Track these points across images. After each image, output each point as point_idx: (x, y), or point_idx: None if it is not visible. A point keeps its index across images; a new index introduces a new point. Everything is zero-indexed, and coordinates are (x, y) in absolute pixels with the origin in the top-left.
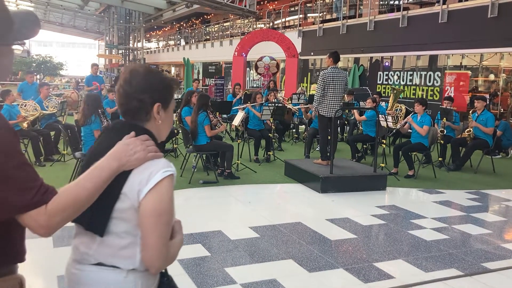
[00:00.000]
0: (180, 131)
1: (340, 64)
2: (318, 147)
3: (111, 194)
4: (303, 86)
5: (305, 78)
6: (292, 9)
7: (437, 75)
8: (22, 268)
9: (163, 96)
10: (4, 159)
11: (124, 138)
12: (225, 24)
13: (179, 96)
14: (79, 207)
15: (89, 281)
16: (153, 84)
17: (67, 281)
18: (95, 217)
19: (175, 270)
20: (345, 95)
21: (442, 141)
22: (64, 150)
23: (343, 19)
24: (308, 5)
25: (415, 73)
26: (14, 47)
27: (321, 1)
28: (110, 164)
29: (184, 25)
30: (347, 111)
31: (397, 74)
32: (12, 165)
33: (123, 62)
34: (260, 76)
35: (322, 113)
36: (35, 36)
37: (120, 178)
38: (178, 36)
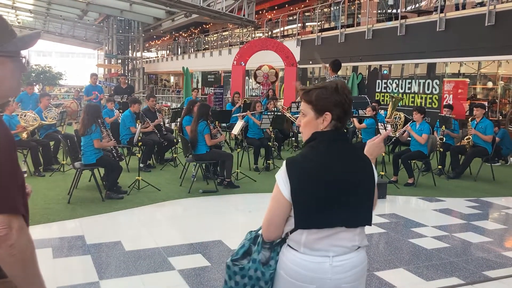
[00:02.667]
0: (179, 140)
1: (339, 72)
2: None
3: (372, 190)
4: None
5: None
6: (291, 18)
7: (436, 83)
8: None
9: None
10: None
11: None
12: (224, 34)
13: (178, 105)
14: (29, 257)
15: (357, 263)
16: None
17: (332, 276)
18: (366, 213)
19: (175, 281)
20: None
21: (441, 149)
22: (63, 160)
23: (341, 28)
24: (306, 14)
25: (413, 81)
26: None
27: (319, 10)
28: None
29: (183, 34)
30: None
31: (395, 82)
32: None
33: (122, 72)
34: (259, 85)
35: None
36: (31, 47)
37: (372, 176)
38: (177, 46)
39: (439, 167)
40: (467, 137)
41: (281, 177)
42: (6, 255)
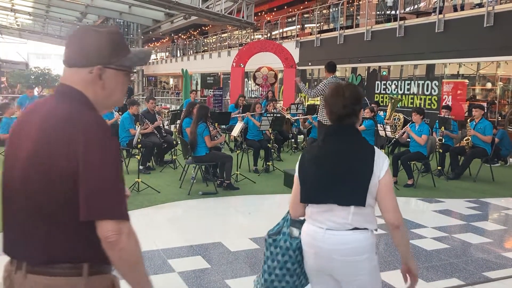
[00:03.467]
0: (179, 142)
1: (337, 74)
2: None
3: (366, 175)
4: (301, 97)
5: None
6: (290, 20)
7: (435, 84)
8: None
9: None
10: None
11: None
12: (223, 35)
13: (178, 108)
14: (136, 260)
15: (348, 240)
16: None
17: (324, 245)
18: (357, 194)
19: (175, 283)
20: None
21: (440, 150)
22: None
23: (340, 29)
24: (305, 15)
25: (412, 82)
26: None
27: (318, 12)
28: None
29: (182, 36)
30: None
31: (394, 84)
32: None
33: None
34: (258, 87)
35: (322, 121)
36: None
37: (369, 163)
38: (176, 48)
39: (439, 168)
40: (466, 138)
41: (297, 163)
42: (117, 258)
